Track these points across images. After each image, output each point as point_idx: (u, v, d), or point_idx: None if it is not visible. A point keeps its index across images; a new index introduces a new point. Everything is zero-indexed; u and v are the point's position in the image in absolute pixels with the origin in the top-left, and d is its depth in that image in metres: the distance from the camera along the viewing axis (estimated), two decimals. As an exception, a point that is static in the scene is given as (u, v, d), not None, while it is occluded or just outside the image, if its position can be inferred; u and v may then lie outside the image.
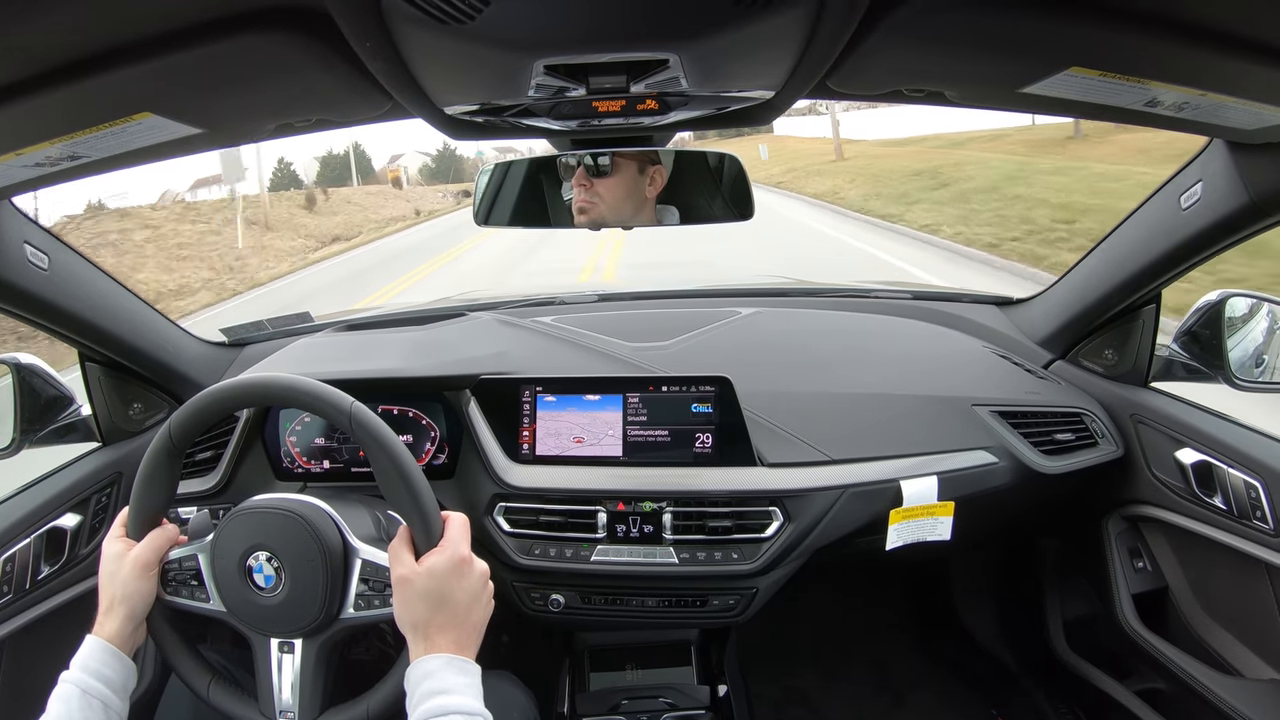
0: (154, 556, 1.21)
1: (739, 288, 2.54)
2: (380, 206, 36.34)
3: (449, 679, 1.02)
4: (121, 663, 1.15)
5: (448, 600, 1.08)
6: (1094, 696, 2.00)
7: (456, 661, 1.04)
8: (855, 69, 0.95)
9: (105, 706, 1.10)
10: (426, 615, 1.07)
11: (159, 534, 1.23)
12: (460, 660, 1.05)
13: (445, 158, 64.75)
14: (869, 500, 1.67)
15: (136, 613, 1.19)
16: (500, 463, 1.73)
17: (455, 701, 1.00)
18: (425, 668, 1.03)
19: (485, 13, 0.71)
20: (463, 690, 1.02)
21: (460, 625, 1.08)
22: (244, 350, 2.16)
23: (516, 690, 1.55)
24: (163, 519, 1.26)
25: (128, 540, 1.22)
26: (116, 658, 1.14)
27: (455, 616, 1.08)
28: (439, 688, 1.01)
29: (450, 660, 1.04)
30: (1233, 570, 1.66)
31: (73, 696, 1.08)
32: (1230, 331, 1.67)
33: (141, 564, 1.19)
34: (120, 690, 1.13)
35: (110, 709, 1.11)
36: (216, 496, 1.77)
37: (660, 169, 1.50)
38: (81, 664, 1.12)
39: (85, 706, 1.08)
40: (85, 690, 1.09)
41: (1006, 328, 2.15)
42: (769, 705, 2.35)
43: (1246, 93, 0.97)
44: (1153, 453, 1.78)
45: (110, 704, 1.11)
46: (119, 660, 1.14)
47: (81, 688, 1.09)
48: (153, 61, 0.78)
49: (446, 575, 1.09)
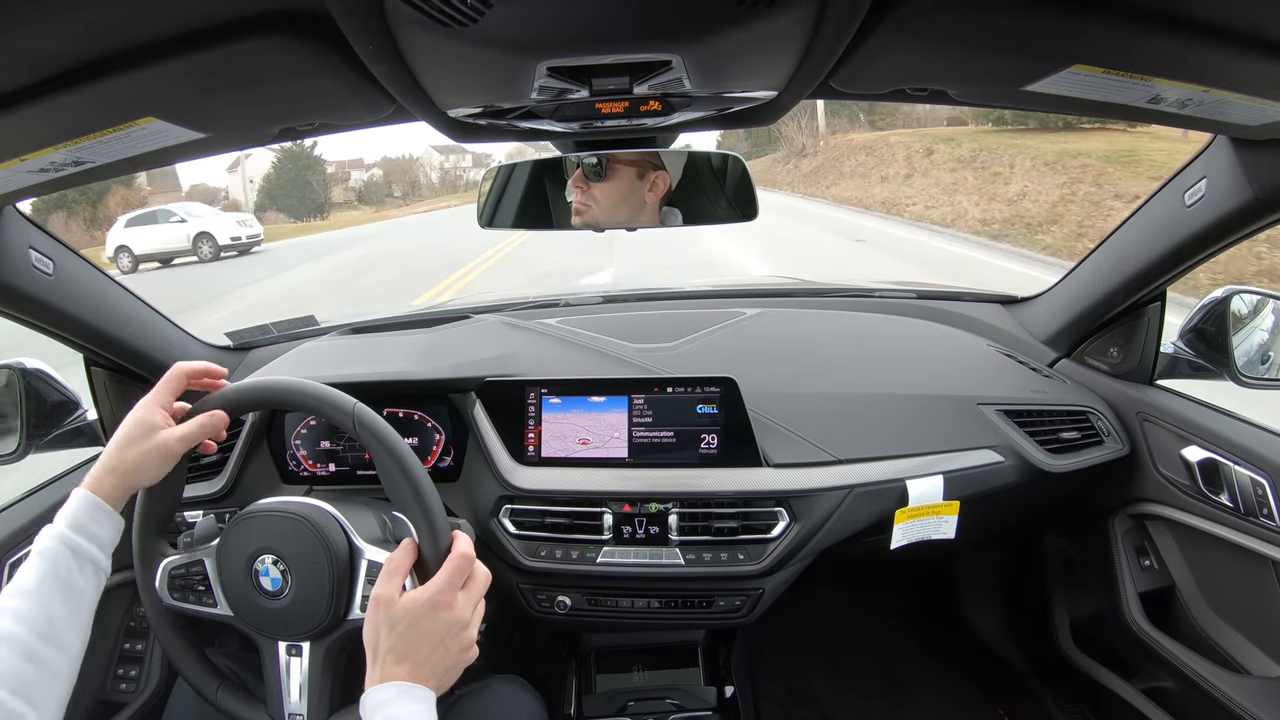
0: (185, 446, 1.17)
1: (743, 288, 2.54)
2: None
3: (403, 708, 0.99)
4: (112, 519, 1.11)
5: (412, 636, 1.04)
6: (1101, 695, 2.00)
7: (410, 690, 1.01)
8: (858, 68, 0.95)
9: (95, 567, 1.07)
10: (389, 643, 1.03)
11: (205, 420, 1.19)
12: (415, 688, 1.01)
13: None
14: (875, 500, 1.67)
15: (139, 483, 1.15)
16: (506, 465, 1.73)
17: None
18: (379, 697, 1.00)
19: (488, 15, 0.71)
20: (415, 717, 0.99)
21: (419, 662, 1.03)
22: (249, 354, 2.16)
23: (525, 694, 1.55)
24: (174, 516, 1.25)
25: (167, 415, 1.19)
26: (107, 514, 1.10)
27: (415, 653, 1.04)
28: (394, 714, 0.98)
29: (405, 689, 1.00)
30: (1240, 568, 1.65)
31: (61, 555, 1.05)
32: (1236, 328, 1.67)
33: (171, 451, 1.15)
34: (108, 548, 1.10)
35: (99, 569, 1.08)
36: (223, 500, 1.77)
37: (663, 174, 1.49)
38: (71, 521, 1.07)
39: (74, 567, 1.05)
40: (75, 550, 1.05)
41: (1011, 326, 2.15)
42: (775, 705, 2.35)
43: (1250, 89, 0.97)
44: (1159, 450, 1.78)
45: (99, 564, 1.08)
46: (109, 516, 1.11)
47: (71, 548, 1.05)
48: (156, 66, 0.78)
49: (420, 613, 1.05)
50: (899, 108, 28.50)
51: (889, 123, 31.97)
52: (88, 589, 1.07)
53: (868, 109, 33.17)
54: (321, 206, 50.65)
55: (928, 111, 28.31)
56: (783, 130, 33.35)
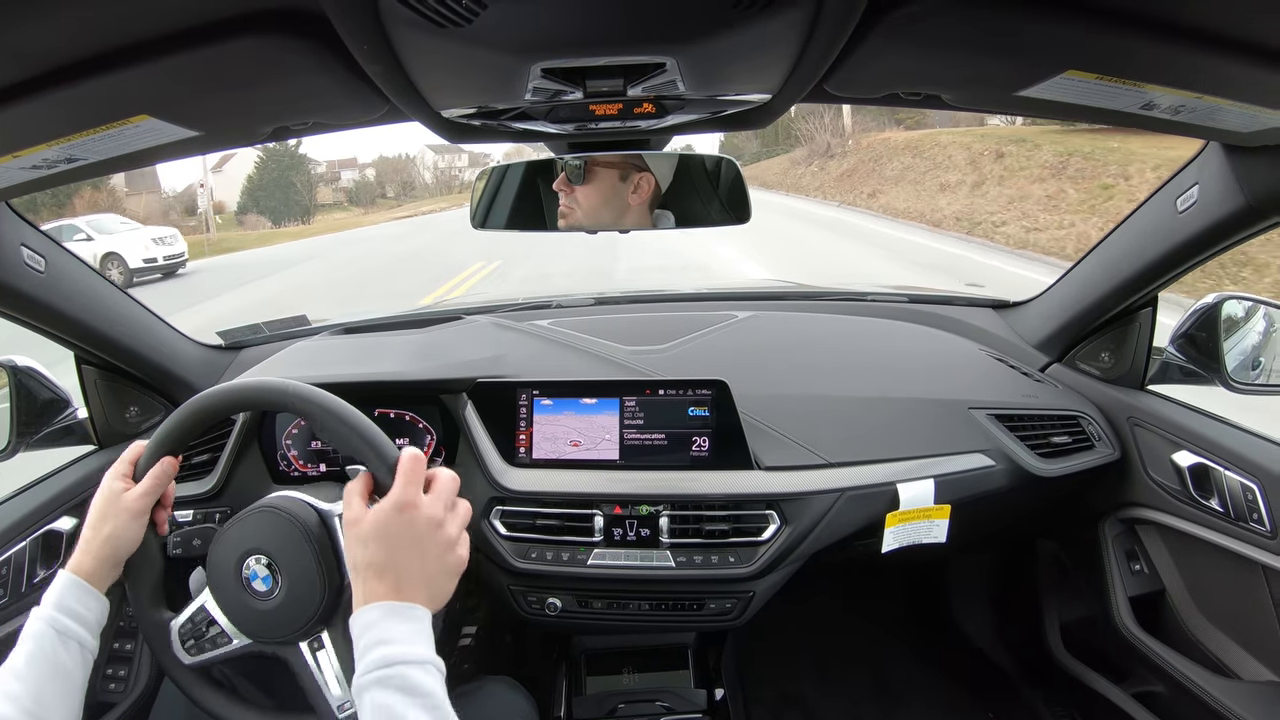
0: (149, 501, 1.18)
1: (735, 291, 2.54)
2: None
3: (389, 629, 0.96)
4: (96, 600, 1.11)
5: (388, 545, 1.02)
6: (1091, 699, 2.00)
7: (398, 608, 0.98)
8: (852, 72, 0.95)
9: (81, 647, 1.08)
10: (366, 559, 1.02)
11: (157, 471, 1.19)
12: (402, 606, 0.99)
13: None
14: (866, 503, 1.67)
15: (119, 555, 1.15)
16: (497, 466, 1.73)
17: (397, 652, 0.94)
18: (364, 619, 0.98)
19: (482, 16, 0.71)
20: (405, 639, 0.96)
21: (399, 574, 1.01)
22: (240, 353, 2.16)
23: (518, 696, 1.55)
24: (163, 583, 1.24)
25: (129, 480, 1.19)
26: (91, 594, 1.11)
27: (393, 564, 1.02)
28: (379, 638, 0.95)
29: (391, 609, 0.98)
30: (1229, 572, 1.66)
31: (47, 636, 1.05)
32: (1227, 334, 1.67)
33: (136, 509, 1.16)
34: (94, 627, 1.10)
35: (85, 649, 1.08)
36: (213, 500, 1.76)
37: (647, 176, 1.49)
38: (56, 602, 1.08)
39: (60, 647, 1.06)
40: (61, 631, 1.06)
41: (1003, 331, 2.15)
42: (766, 709, 2.35)
43: (1242, 95, 0.97)
44: (1149, 455, 1.78)
45: (85, 644, 1.08)
46: (93, 597, 1.11)
47: (57, 628, 1.06)
48: (150, 64, 0.78)
49: (386, 521, 1.03)
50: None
51: (917, 120, 28.60)
52: (75, 669, 1.08)
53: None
54: (306, 208, 49.85)
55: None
56: (801, 128, 31.96)
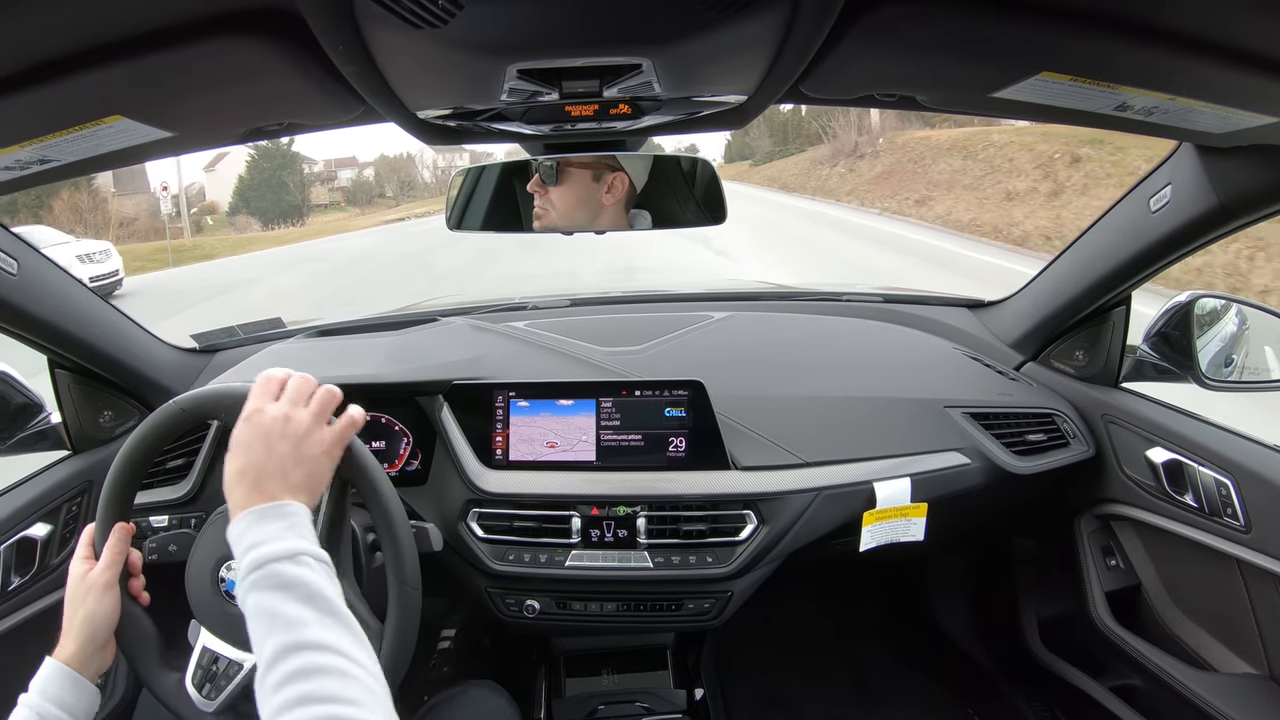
0: (114, 572, 1.18)
1: (711, 292, 2.54)
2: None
3: (257, 532, 0.96)
4: (82, 688, 1.11)
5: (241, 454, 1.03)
6: (1070, 694, 2.01)
7: (263, 511, 0.98)
8: (828, 74, 0.95)
9: None
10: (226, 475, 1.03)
11: (112, 542, 1.20)
12: (267, 507, 0.99)
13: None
14: (843, 502, 1.68)
15: (99, 635, 1.15)
16: (473, 468, 1.72)
17: (266, 551, 0.93)
18: (234, 531, 0.97)
19: (458, 17, 0.70)
20: (273, 537, 0.95)
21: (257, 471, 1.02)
22: (215, 356, 2.14)
23: (500, 699, 1.54)
24: (161, 644, 1.24)
25: (90, 560, 1.20)
26: (76, 683, 1.10)
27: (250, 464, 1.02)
28: (249, 543, 0.95)
29: (258, 513, 0.98)
30: (1204, 567, 1.67)
31: None
32: (1200, 332, 1.69)
33: (102, 583, 1.16)
34: (81, 715, 1.10)
35: None
36: (188, 505, 1.74)
37: (621, 176, 1.49)
38: (40, 689, 1.08)
39: None
40: (43, 717, 1.05)
41: (978, 330, 2.17)
42: (746, 709, 2.35)
43: (1215, 97, 0.98)
44: (1124, 452, 1.80)
45: None
46: (79, 685, 1.10)
47: (39, 713, 1.05)
48: (123, 65, 0.77)
49: (239, 433, 1.05)
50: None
51: (944, 118, 24.79)
52: None
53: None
54: (299, 209, 49.00)
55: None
56: (823, 125, 30.82)
